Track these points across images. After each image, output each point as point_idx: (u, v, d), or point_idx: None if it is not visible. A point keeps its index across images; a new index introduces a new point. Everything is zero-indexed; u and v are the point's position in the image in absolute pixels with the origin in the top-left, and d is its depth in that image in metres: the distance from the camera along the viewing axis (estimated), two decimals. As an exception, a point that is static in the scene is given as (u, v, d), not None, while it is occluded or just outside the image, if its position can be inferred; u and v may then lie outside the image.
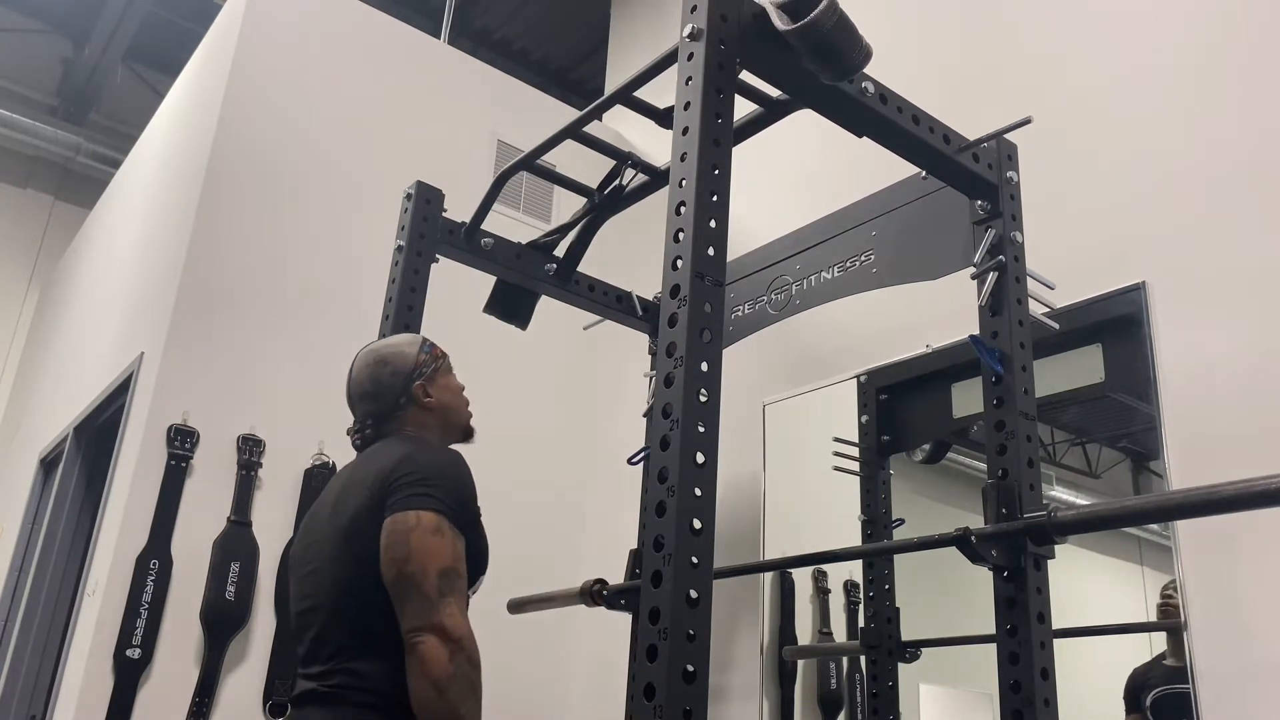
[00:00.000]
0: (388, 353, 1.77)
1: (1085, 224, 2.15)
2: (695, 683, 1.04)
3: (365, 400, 1.74)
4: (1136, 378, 1.96)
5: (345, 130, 3.22)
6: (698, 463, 1.11)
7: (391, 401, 1.72)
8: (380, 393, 1.73)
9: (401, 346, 1.78)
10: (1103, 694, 1.91)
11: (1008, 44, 2.50)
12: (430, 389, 1.75)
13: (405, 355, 1.76)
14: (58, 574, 3.68)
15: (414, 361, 1.75)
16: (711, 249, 1.21)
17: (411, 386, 1.73)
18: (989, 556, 1.51)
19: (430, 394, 1.75)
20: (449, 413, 1.79)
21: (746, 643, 2.65)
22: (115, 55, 6.27)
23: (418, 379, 1.74)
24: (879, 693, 2.24)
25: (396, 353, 1.77)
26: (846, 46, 1.32)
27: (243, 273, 2.91)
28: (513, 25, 6.05)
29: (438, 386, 1.77)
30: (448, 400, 1.78)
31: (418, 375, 1.74)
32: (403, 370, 1.74)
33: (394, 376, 1.73)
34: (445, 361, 1.82)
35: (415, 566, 1.46)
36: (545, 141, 2.02)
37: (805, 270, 2.18)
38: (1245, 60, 1.98)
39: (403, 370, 1.74)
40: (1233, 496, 1.26)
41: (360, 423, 1.75)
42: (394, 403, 1.72)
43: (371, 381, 1.74)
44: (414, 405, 1.73)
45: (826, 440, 2.53)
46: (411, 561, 1.46)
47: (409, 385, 1.73)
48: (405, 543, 1.47)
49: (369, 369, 1.75)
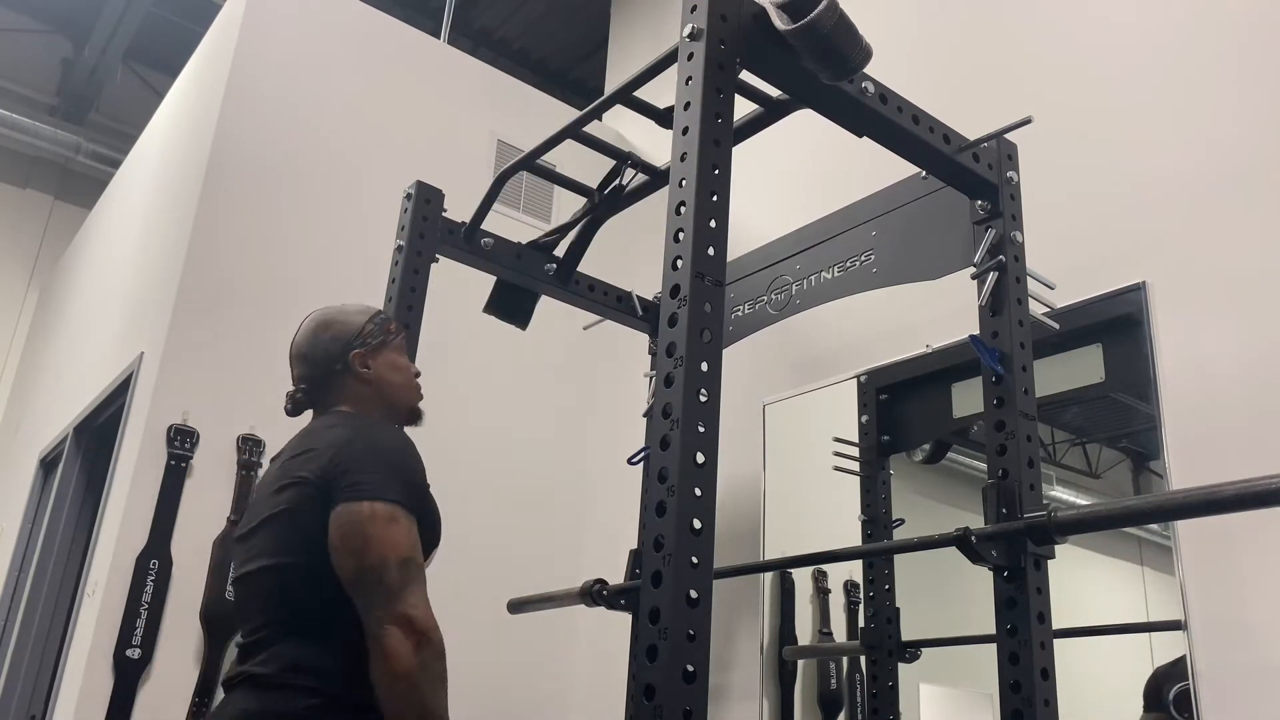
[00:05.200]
0: (333, 317, 1.70)
1: (1085, 224, 2.15)
2: (695, 683, 1.04)
3: (301, 362, 1.67)
4: (1136, 378, 1.96)
5: (345, 130, 3.22)
6: (698, 463, 1.11)
7: (326, 367, 1.65)
8: (316, 357, 1.65)
9: (349, 313, 1.71)
10: (1103, 694, 1.91)
11: (1008, 44, 2.50)
12: (370, 361, 1.67)
13: (350, 323, 1.68)
14: (58, 574, 3.68)
15: (357, 330, 1.68)
16: (711, 249, 1.21)
17: (349, 354, 1.65)
18: (989, 556, 1.51)
19: (368, 365, 1.66)
20: (388, 389, 1.69)
21: (746, 643, 2.65)
22: (115, 55, 6.27)
23: (357, 347, 1.66)
24: (879, 693, 2.24)
25: (341, 319, 1.69)
26: (846, 46, 1.32)
27: (243, 273, 2.91)
28: (513, 25, 6.05)
29: (380, 361, 1.68)
30: (387, 376, 1.69)
31: (358, 344, 1.66)
32: (343, 336, 1.66)
33: (333, 342, 1.66)
34: (397, 339, 1.73)
35: (374, 559, 1.40)
36: (545, 141, 2.02)
37: (805, 270, 2.18)
38: (1245, 60, 1.98)
39: (343, 336, 1.66)
40: (1233, 497, 1.26)
41: (295, 386, 1.68)
42: (328, 369, 1.65)
43: (309, 344, 1.67)
44: (349, 375, 1.65)
45: (826, 440, 2.53)
46: (369, 554, 1.41)
47: (346, 352, 1.65)
48: (361, 534, 1.42)
49: (311, 333, 1.68)
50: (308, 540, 1.47)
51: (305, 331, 1.70)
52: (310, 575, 1.46)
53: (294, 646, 1.45)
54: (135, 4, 5.76)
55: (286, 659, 1.44)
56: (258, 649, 1.48)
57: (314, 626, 1.46)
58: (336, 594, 1.44)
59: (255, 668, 1.45)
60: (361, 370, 1.66)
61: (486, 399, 3.30)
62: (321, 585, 1.45)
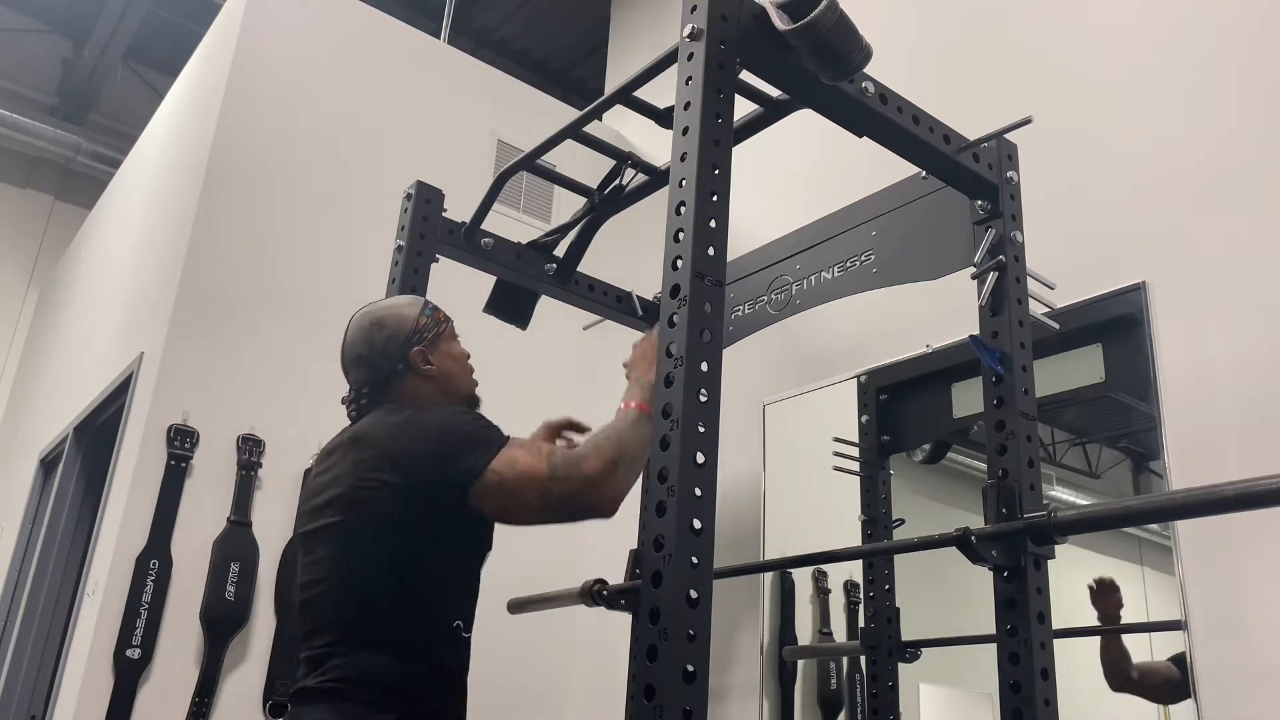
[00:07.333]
0: (385, 314, 1.64)
1: (1085, 224, 2.15)
2: (695, 683, 1.04)
3: (359, 366, 1.62)
4: (1136, 378, 1.96)
5: (345, 130, 3.22)
6: (698, 463, 1.11)
7: (387, 369, 1.60)
8: (375, 358, 1.60)
9: (400, 308, 1.66)
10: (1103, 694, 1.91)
11: (1008, 44, 2.50)
12: (431, 355, 1.62)
13: (404, 318, 1.63)
14: (58, 574, 3.68)
15: (413, 324, 1.62)
16: (711, 249, 1.21)
17: (409, 352, 1.60)
18: (989, 556, 1.51)
19: (431, 361, 1.62)
20: (450, 380, 1.66)
21: (746, 643, 2.64)
22: (115, 55, 6.28)
23: (416, 343, 1.61)
24: (879, 693, 2.24)
25: (394, 314, 1.64)
26: (846, 46, 1.32)
27: (243, 273, 2.91)
28: (513, 25, 6.05)
29: (439, 353, 1.64)
30: (449, 367, 1.65)
31: (416, 340, 1.61)
32: (400, 334, 1.61)
33: (390, 341, 1.60)
34: (449, 326, 1.69)
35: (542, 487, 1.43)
36: (545, 141, 2.01)
37: (805, 270, 2.18)
38: (1245, 60, 1.98)
39: (400, 334, 1.61)
40: (1233, 496, 1.26)
41: (355, 391, 1.62)
42: (390, 369, 1.60)
43: (366, 345, 1.61)
44: (411, 373, 1.60)
45: (826, 440, 2.53)
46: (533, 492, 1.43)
47: (406, 351, 1.60)
48: (514, 491, 1.43)
49: (364, 332, 1.62)
50: (380, 546, 1.44)
51: (357, 332, 1.64)
52: (380, 584, 1.43)
53: (365, 657, 1.41)
54: (135, 4, 5.76)
55: (358, 670, 1.40)
56: (326, 659, 1.43)
57: (385, 637, 1.42)
58: (406, 602, 1.43)
59: (326, 681, 1.41)
60: (425, 368, 1.61)
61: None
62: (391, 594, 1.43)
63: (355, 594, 1.45)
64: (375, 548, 1.45)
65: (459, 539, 1.51)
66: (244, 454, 2.75)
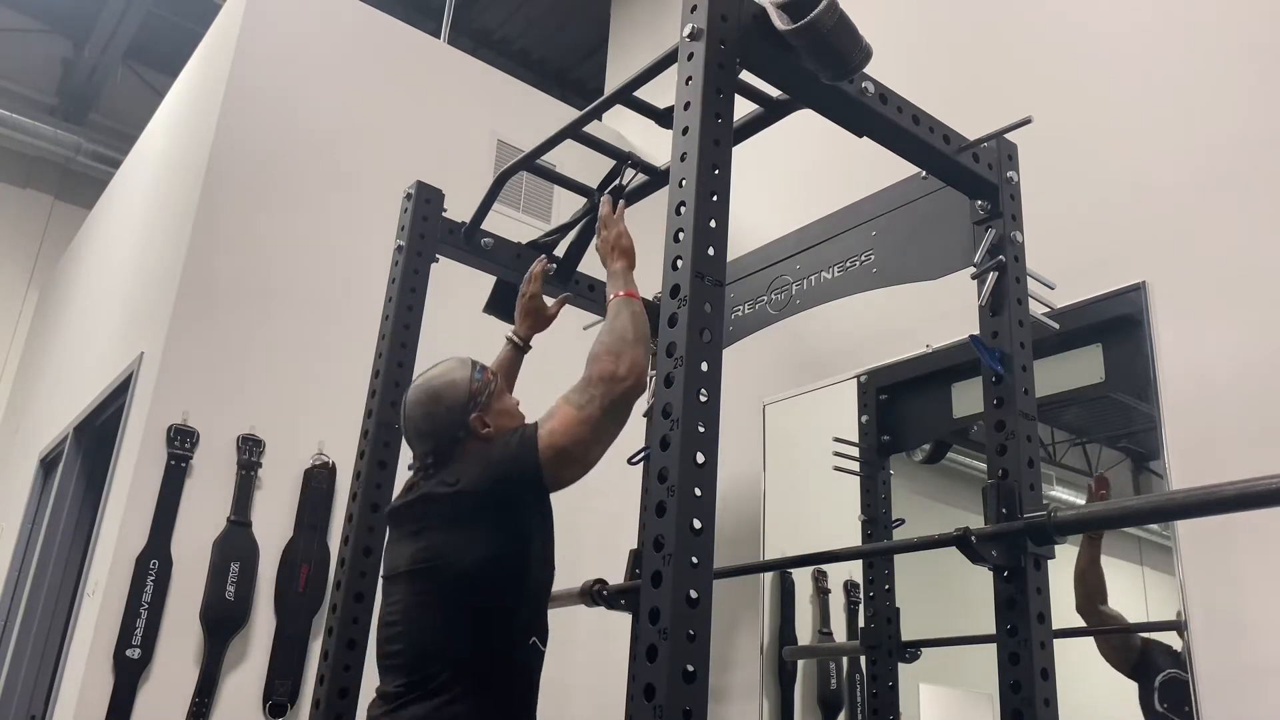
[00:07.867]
0: (440, 386, 1.72)
1: (1085, 224, 2.15)
2: (695, 683, 1.04)
3: (423, 440, 1.71)
4: (1136, 378, 1.96)
5: (345, 130, 3.22)
6: (698, 463, 1.11)
7: (450, 437, 1.69)
8: (438, 431, 1.69)
9: (453, 376, 1.73)
10: (1103, 694, 1.91)
11: (1008, 45, 2.50)
12: (488, 418, 1.71)
13: (458, 386, 1.71)
14: (58, 574, 3.68)
15: (467, 392, 1.71)
16: (711, 249, 1.21)
17: (469, 419, 1.69)
18: (989, 556, 1.51)
19: (488, 423, 1.70)
20: None
21: (746, 643, 2.65)
22: (115, 55, 6.28)
23: (474, 410, 1.70)
24: (879, 693, 2.24)
25: (448, 385, 1.72)
26: (846, 46, 1.32)
27: (243, 273, 2.91)
28: (513, 25, 6.05)
29: (494, 413, 1.72)
30: (504, 424, 1.73)
31: (473, 407, 1.70)
32: (458, 404, 1.70)
33: (449, 413, 1.69)
34: (497, 382, 1.78)
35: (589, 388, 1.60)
36: (545, 141, 2.02)
37: (805, 270, 2.18)
38: (1245, 61, 1.98)
39: (458, 404, 1.70)
40: (1233, 497, 1.26)
41: (421, 460, 1.72)
42: (452, 438, 1.69)
43: (428, 420, 1.70)
44: (471, 437, 1.69)
45: (826, 440, 2.53)
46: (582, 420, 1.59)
47: (465, 419, 1.69)
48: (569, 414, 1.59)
49: (423, 407, 1.71)
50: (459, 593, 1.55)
51: (416, 407, 1.73)
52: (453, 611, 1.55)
53: (439, 707, 1.50)
54: (135, 4, 5.76)
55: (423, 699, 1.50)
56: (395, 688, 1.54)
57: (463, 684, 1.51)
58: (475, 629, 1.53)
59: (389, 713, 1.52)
60: (484, 431, 1.70)
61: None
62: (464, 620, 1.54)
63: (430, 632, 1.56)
64: (454, 595, 1.56)
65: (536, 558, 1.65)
66: (244, 454, 2.75)
